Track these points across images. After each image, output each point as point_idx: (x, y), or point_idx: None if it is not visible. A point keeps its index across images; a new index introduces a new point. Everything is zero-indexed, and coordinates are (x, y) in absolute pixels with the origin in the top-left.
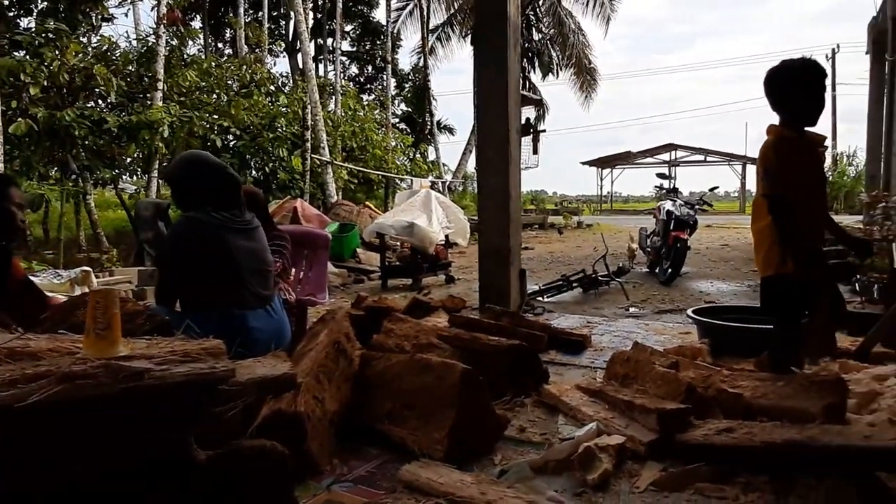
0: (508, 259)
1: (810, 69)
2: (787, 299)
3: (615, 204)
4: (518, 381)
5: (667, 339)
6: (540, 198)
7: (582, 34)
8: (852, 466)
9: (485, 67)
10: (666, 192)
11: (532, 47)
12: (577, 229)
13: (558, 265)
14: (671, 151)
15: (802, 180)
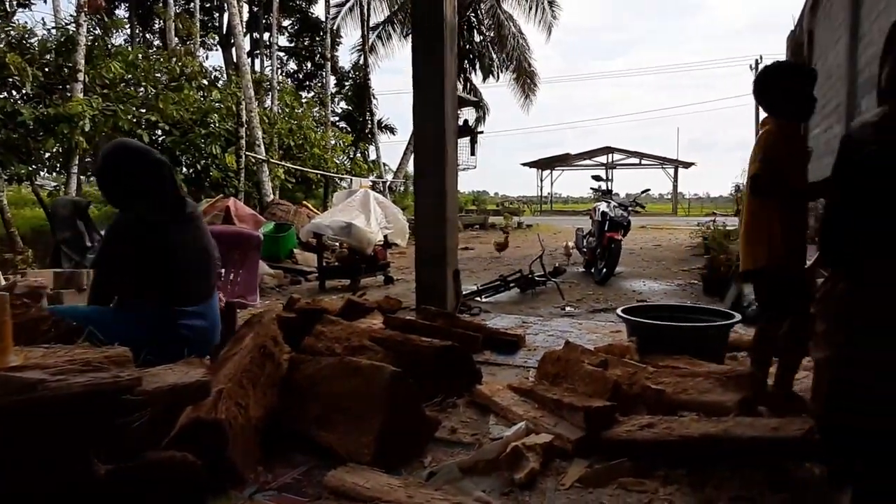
0: (445, 260)
1: (801, 68)
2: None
3: (555, 205)
4: (451, 382)
5: (599, 337)
6: (481, 198)
7: (522, 37)
8: (763, 457)
9: (421, 68)
10: (601, 194)
11: (473, 49)
12: (518, 229)
13: (498, 265)
14: (608, 154)
15: (796, 174)
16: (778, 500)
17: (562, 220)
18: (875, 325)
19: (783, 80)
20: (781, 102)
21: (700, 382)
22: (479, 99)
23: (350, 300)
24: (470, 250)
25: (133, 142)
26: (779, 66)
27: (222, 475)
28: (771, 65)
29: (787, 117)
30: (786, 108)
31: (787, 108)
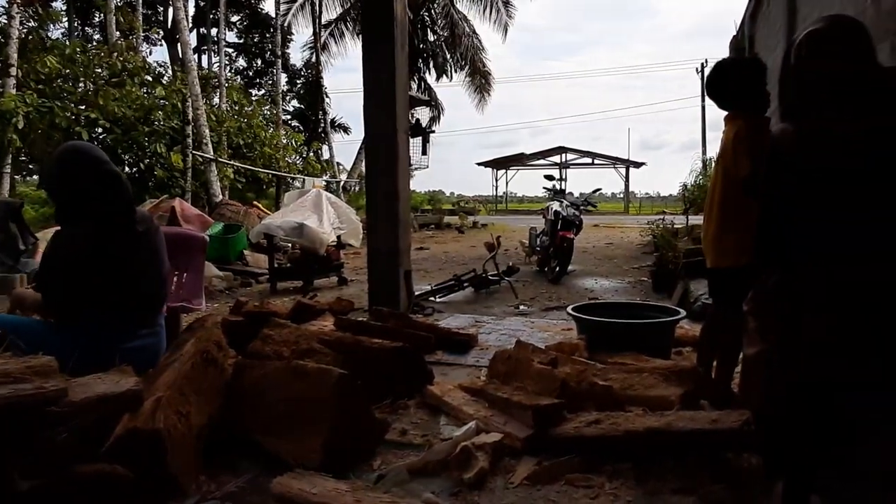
0: (397, 260)
1: (754, 61)
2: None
3: (510, 204)
4: (402, 384)
5: (550, 335)
6: (437, 198)
7: (476, 37)
8: (703, 448)
9: (372, 67)
10: (553, 194)
11: (427, 48)
12: (473, 229)
13: (453, 265)
14: (562, 154)
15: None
16: (717, 490)
17: (517, 220)
18: (804, 322)
19: (739, 73)
20: (742, 97)
21: (646, 378)
22: (431, 99)
23: (300, 302)
24: (425, 250)
25: (87, 146)
26: (734, 60)
27: (161, 486)
28: (725, 60)
29: (752, 111)
30: (748, 102)
31: (748, 102)
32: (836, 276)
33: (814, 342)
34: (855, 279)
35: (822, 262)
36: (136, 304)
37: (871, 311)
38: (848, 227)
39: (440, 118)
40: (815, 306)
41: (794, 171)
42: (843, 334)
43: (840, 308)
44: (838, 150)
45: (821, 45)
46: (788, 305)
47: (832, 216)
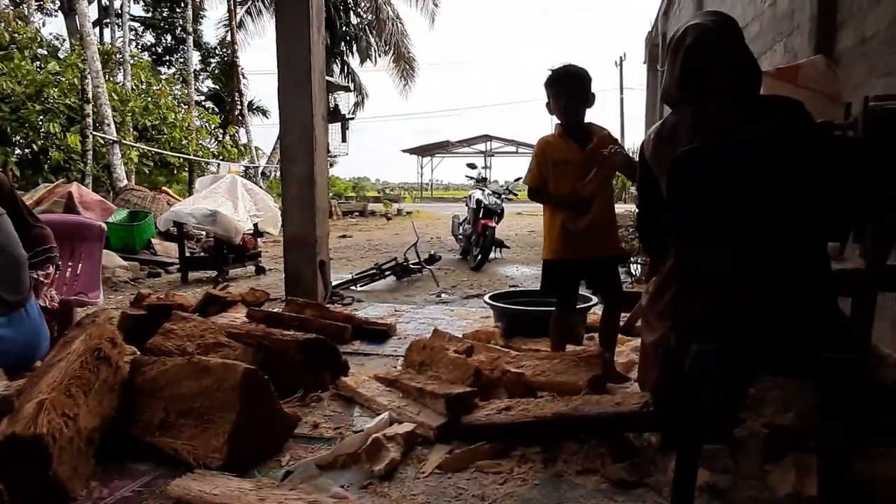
0: (315, 249)
1: (559, 77)
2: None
3: (436, 191)
4: (316, 376)
5: (469, 323)
6: (362, 185)
7: (400, 22)
8: (608, 430)
9: (286, 50)
10: (476, 182)
11: (350, 31)
12: (398, 216)
13: (376, 253)
14: (487, 142)
15: (560, 173)
16: (618, 469)
17: (442, 207)
18: (690, 310)
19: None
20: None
21: (557, 364)
22: (355, 84)
23: (209, 293)
24: (348, 238)
25: None
26: (557, 71)
27: (47, 494)
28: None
29: (563, 123)
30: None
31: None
32: (717, 257)
33: (702, 321)
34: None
35: (704, 245)
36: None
37: (752, 288)
38: (732, 212)
39: (364, 104)
40: (702, 288)
41: (668, 162)
42: (726, 314)
43: (727, 289)
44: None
45: (703, 38)
46: (680, 288)
47: (714, 202)
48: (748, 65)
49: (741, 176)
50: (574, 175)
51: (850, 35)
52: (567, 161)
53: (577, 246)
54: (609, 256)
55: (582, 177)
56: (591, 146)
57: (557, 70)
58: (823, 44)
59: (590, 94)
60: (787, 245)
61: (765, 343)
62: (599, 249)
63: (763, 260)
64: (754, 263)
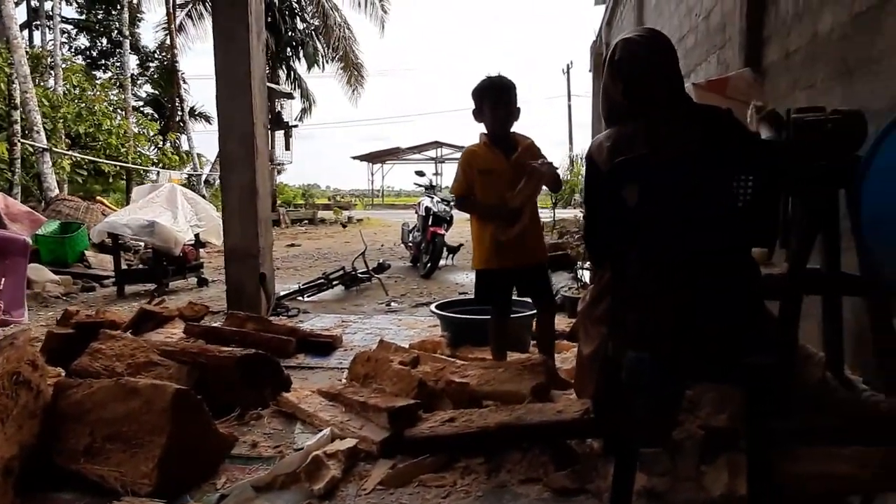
0: (257, 260)
1: (488, 87)
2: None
3: (387, 198)
4: (256, 392)
5: (417, 332)
6: (311, 192)
7: (348, 28)
8: (550, 438)
9: (224, 56)
10: (425, 189)
11: (296, 37)
12: (349, 223)
13: (325, 262)
14: (437, 148)
15: (487, 182)
16: (560, 476)
17: (393, 214)
18: (625, 320)
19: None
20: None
21: (501, 373)
22: (296, 90)
23: (143, 309)
24: (296, 247)
25: None
26: (488, 81)
27: None
28: (483, 80)
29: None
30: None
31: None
32: (649, 267)
33: (636, 330)
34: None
35: (643, 258)
36: None
37: (681, 298)
38: (664, 224)
39: (312, 110)
40: (637, 298)
41: (605, 177)
42: (658, 323)
43: (655, 300)
44: (644, 153)
45: (636, 52)
46: (617, 298)
47: (647, 214)
48: (679, 79)
49: (672, 187)
50: (500, 184)
51: (775, 50)
52: (493, 170)
53: (508, 255)
54: (538, 264)
55: (507, 186)
56: (516, 155)
57: (488, 80)
58: (752, 57)
59: (516, 107)
60: (714, 254)
61: (694, 351)
62: (529, 258)
63: (691, 270)
64: (683, 273)
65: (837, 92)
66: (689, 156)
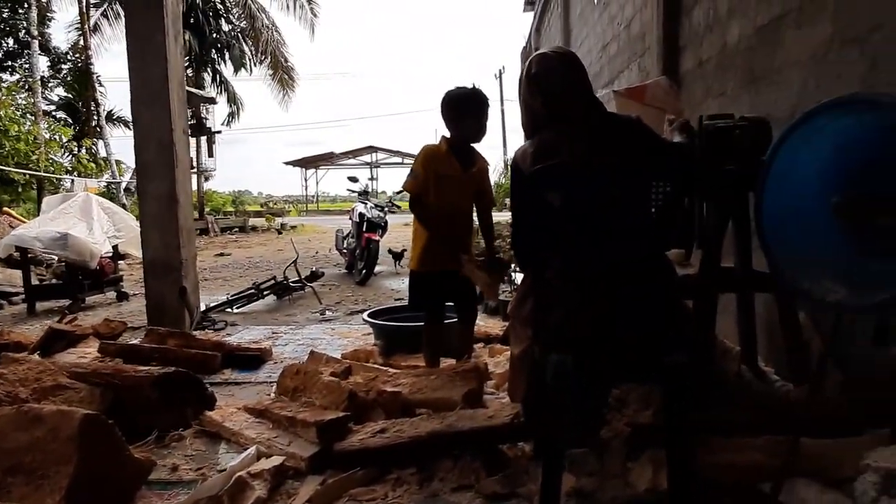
0: (180, 273)
1: (473, 100)
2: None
3: (322, 204)
4: (176, 412)
5: (350, 342)
6: (242, 199)
7: (276, 31)
8: (481, 444)
9: (139, 60)
10: (359, 195)
11: (221, 39)
12: (284, 231)
13: (256, 271)
14: (372, 153)
15: (441, 187)
16: (492, 482)
17: (329, 220)
18: (548, 323)
19: (470, 104)
20: (466, 123)
21: (433, 380)
22: (220, 94)
23: (52, 328)
24: (226, 256)
25: None
26: (472, 92)
27: None
28: (465, 90)
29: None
30: (466, 129)
31: (467, 127)
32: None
33: (558, 333)
34: (588, 277)
35: (562, 265)
36: None
37: (600, 300)
38: (583, 233)
39: (239, 114)
40: (558, 304)
41: (528, 183)
42: (578, 327)
43: (575, 303)
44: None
45: (552, 66)
46: (539, 302)
47: (567, 221)
48: (592, 92)
49: (591, 196)
50: (452, 192)
51: (690, 58)
52: (450, 176)
53: (443, 258)
54: None
55: (459, 194)
56: (473, 170)
57: (473, 92)
58: (669, 65)
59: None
60: (632, 261)
61: (614, 355)
62: (459, 264)
63: (610, 278)
64: (602, 282)
65: (745, 100)
66: (607, 165)
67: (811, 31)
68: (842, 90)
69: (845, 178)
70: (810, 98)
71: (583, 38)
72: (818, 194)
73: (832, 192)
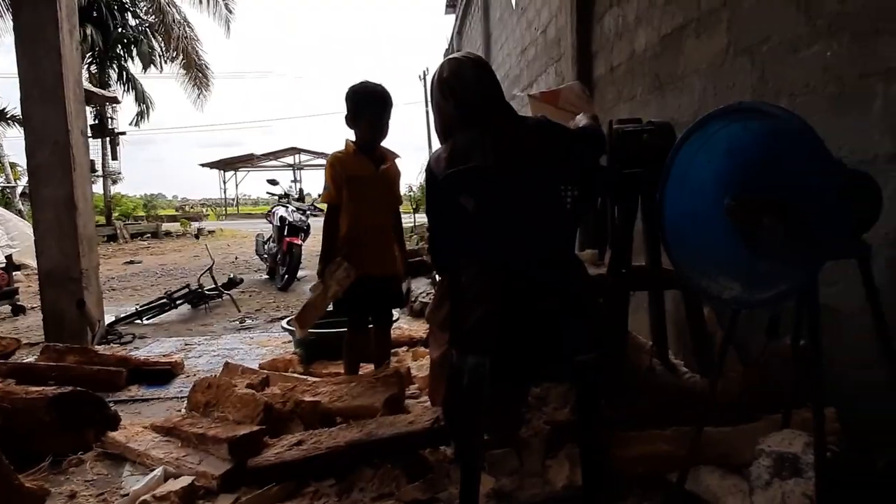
0: (80, 284)
1: (370, 97)
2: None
3: (243, 207)
4: (75, 435)
5: (270, 350)
6: (155, 203)
7: (189, 26)
8: (403, 450)
9: (29, 56)
10: (279, 198)
11: (128, 34)
12: (201, 236)
13: (170, 279)
14: (295, 155)
15: (356, 189)
16: (413, 489)
17: (250, 224)
18: (463, 326)
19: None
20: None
21: (354, 387)
22: (124, 93)
23: None
24: (136, 264)
25: None
26: (374, 88)
27: None
28: (367, 85)
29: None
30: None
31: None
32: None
33: (473, 336)
34: (502, 280)
35: (477, 269)
36: None
37: (522, 308)
38: (496, 234)
39: (149, 114)
40: (472, 306)
41: (442, 187)
42: (492, 329)
43: (490, 306)
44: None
45: (463, 70)
46: (455, 305)
47: (480, 223)
48: (503, 95)
49: (504, 197)
50: (367, 192)
51: (602, 64)
52: (361, 177)
53: (359, 263)
54: (392, 275)
55: (373, 193)
56: (385, 168)
57: (371, 89)
58: (583, 70)
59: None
60: (545, 260)
61: (529, 354)
62: (380, 268)
63: (522, 277)
64: (515, 282)
65: (653, 104)
66: (519, 168)
67: (709, 41)
68: (736, 97)
69: (736, 181)
70: (710, 104)
71: (503, 41)
72: (713, 196)
73: (725, 194)
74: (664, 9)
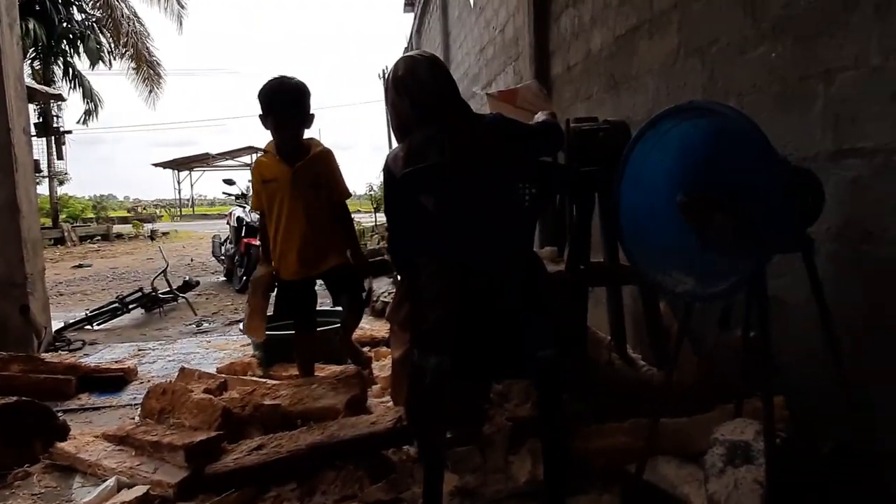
0: (25, 289)
1: (277, 97)
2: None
3: (199, 208)
4: (20, 447)
5: (228, 354)
6: (105, 204)
7: (139, 22)
8: (365, 451)
9: None
10: (236, 198)
11: (73, 29)
12: (155, 237)
13: (122, 283)
14: (252, 154)
15: (267, 194)
16: (375, 490)
17: (206, 225)
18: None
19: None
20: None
21: (315, 389)
22: (70, 90)
23: None
24: (86, 268)
25: None
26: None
27: None
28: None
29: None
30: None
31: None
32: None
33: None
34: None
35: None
36: None
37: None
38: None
39: (98, 112)
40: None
41: (400, 186)
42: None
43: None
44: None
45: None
46: (415, 304)
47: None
48: (458, 93)
49: (462, 195)
50: (278, 193)
51: (559, 63)
52: (275, 179)
53: (289, 268)
54: (331, 269)
55: (286, 195)
56: (301, 163)
57: (277, 87)
58: (541, 69)
59: (308, 114)
60: (503, 258)
61: (489, 351)
62: (312, 268)
63: (481, 274)
64: (473, 279)
65: (609, 103)
66: (476, 166)
67: (661, 41)
68: (687, 96)
69: (688, 179)
70: (663, 103)
71: (461, 40)
72: (666, 193)
73: (677, 191)
74: (618, 10)
